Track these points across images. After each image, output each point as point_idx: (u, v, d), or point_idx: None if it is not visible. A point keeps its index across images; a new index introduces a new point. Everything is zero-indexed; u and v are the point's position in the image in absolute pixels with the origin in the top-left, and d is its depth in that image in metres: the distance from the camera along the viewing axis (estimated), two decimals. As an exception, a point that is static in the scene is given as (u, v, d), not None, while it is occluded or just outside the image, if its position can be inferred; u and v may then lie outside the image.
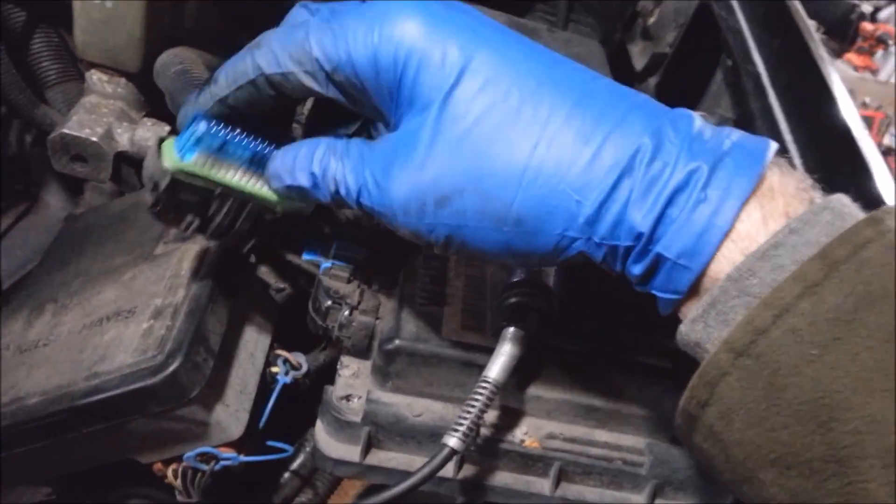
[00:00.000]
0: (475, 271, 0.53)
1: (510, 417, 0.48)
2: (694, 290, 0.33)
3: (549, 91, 0.34)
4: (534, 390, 0.48)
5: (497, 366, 0.44)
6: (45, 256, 0.70)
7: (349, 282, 0.51)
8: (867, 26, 3.04)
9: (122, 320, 0.54)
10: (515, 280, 0.47)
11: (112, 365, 0.50)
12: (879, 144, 2.61)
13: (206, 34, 0.82)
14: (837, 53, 2.97)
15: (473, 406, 0.42)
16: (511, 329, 0.45)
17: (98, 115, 0.77)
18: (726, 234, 0.32)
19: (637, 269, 0.34)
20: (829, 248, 0.30)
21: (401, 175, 0.35)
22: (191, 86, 0.70)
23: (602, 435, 0.48)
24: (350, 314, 0.49)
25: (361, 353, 0.50)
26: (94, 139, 0.75)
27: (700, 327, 0.33)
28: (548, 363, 0.48)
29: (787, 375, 0.29)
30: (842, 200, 0.32)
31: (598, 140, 0.33)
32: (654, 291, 0.34)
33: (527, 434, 0.47)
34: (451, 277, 0.52)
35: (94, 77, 0.78)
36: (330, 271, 0.51)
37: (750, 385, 0.30)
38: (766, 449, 0.30)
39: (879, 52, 3.00)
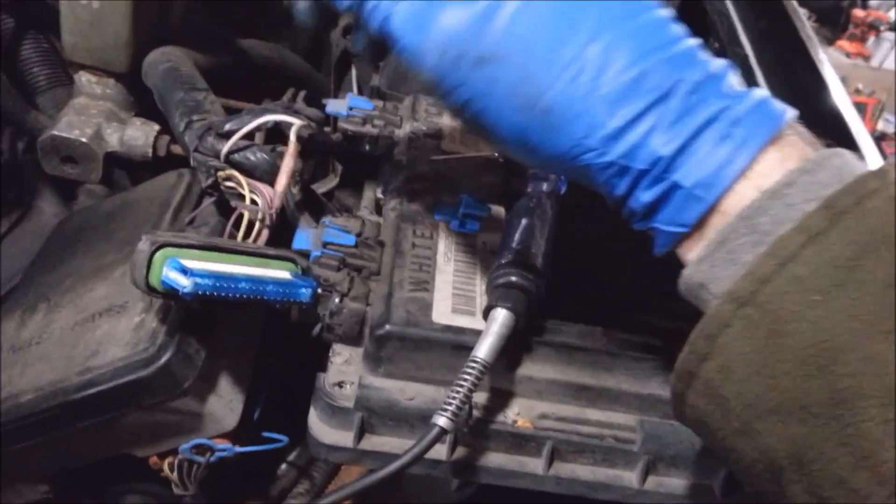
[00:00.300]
0: (465, 257, 0.53)
1: (501, 399, 0.48)
2: (700, 225, 0.34)
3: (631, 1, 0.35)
4: (524, 371, 0.48)
5: (485, 345, 0.44)
6: (38, 257, 0.70)
7: (339, 270, 0.51)
8: (858, 13, 3.04)
9: (113, 315, 0.54)
10: (504, 261, 0.48)
11: (105, 359, 0.51)
12: (873, 130, 2.62)
13: (193, 33, 0.83)
14: (829, 41, 2.97)
15: (462, 385, 0.42)
16: (499, 309, 0.45)
17: (87, 117, 0.77)
18: (744, 171, 0.32)
19: (646, 196, 0.34)
20: (834, 198, 0.30)
21: (455, 14, 0.34)
22: (178, 83, 0.71)
23: (593, 413, 0.48)
24: (340, 301, 0.49)
25: (353, 339, 0.50)
26: (84, 140, 0.75)
27: (706, 267, 0.33)
28: (537, 344, 0.48)
29: (790, 322, 0.29)
30: (848, 152, 0.33)
31: (651, 63, 0.33)
32: (657, 224, 0.34)
33: (518, 415, 0.47)
34: (441, 263, 0.52)
35: (83, 78, 0.79)
36: (319, 260, 0.51)
37: (751, 335, 0.30)
38: (766, 397, 0.30)
39: (871, 38, 3.01)
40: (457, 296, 0.50)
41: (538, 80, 0.34)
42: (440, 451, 0.46)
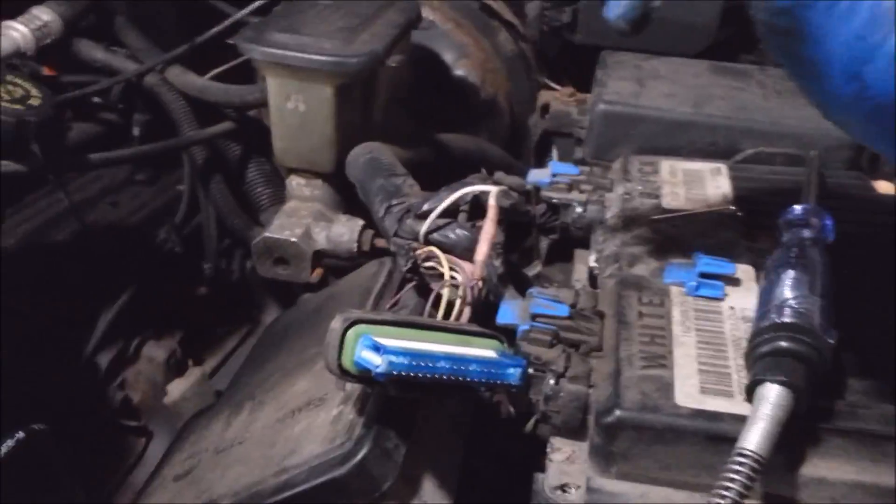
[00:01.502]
0: (710, 325, 0.43)
1: (782, 508, 0.36)
2: None
3: None
4: (811, 470, 0.36)
5: (755, 434, 0.33)
6: (248, 359, 0.70)
7: (552, 346, 0.43)
8: None
9: (313, 410, 0.50)
10: (767, 324, 0.37)
11: (301, 457, 0.46)
12: None
13: (394, 130, 0.82)
14: None
15: (729, 489, 0.32)
16: (769, 385, 0.34)
17: (297, 218, 0.78)
18: None
19: None
20: None
21: None
22: (378, 171, 0.69)
23: (924, 529, 0.34)
24: (556, 383, 0.41)
25: (575, 431, 0.41)
26: (294, 240, 0.76)
27: None
28: (827, 432, 0.36)
29: None
30: None
31: None
32: None
33: (810, 531, 0.35)
34: (679, 334, 0.42)
35: (293, 182, 0.81)
36: (529, 335, 0.44)
37: None
38: None
39: None
40: (705, 372, 0.39)
41: None
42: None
